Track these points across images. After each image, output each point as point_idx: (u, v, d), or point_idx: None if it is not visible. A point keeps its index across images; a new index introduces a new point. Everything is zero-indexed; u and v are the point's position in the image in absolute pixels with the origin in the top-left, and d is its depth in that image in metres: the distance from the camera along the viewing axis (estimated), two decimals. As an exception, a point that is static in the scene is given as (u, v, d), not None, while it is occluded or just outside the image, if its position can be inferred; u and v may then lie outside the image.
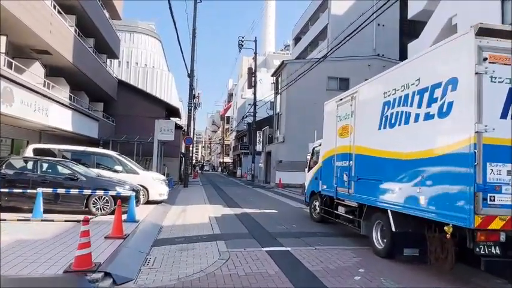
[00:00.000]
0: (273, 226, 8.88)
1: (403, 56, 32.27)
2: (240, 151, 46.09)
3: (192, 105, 22.98)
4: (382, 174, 6.00)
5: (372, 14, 12.55)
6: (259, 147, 33.39)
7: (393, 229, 5.62)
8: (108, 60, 34.31)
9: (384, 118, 6.06)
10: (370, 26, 31.96)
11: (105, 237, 6.47)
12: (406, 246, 5.55)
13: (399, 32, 33.63)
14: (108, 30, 22.16)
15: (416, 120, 5.25)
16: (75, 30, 16.88)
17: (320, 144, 9.63)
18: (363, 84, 7.10)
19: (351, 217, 7.35)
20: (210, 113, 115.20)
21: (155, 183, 12.32)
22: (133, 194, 8.70)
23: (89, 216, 5.48)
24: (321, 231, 8.41)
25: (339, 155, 7.84)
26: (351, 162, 7.14)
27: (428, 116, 5.02)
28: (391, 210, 5.71)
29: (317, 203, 9.56)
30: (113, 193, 8.80)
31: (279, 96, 29.61)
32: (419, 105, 5.20)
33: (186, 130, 23.01)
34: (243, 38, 31.88)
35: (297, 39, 45.04)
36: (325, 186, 8.73)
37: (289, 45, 72.83)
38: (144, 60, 62.69)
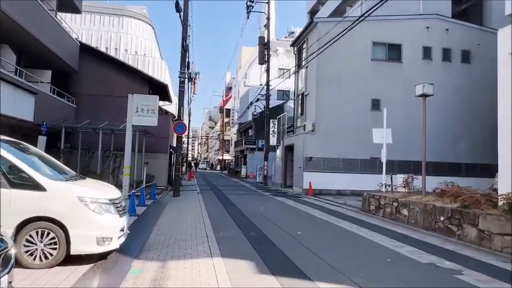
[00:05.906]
0: None
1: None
2: (244, 146, 38.57)
3: (186, 74, 15.33)
4: None
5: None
6: (273, 141, 25.95)
7: None
8: (69, 17, 26.60)
9: None
10: (416, -15, 24.92)
11: None
12: None
13: (451, -6, 26.24)
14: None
15: None
16: None
17: None
18: None
19: None
20: (207, 108, 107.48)
21: (87, 212, 4.86)
22: None
23: None
24: None
25: None
26: None
27: None
28: None
29: None
30: None
31: (303, 72, 22.12)
32: None
33: (177, 114, 15.57)
34: (253, -3, 24.34)
35: (312, 13, 37.50)
36: None
37: (293, 32, 65.45)
38: (134, 47, 55.60)
